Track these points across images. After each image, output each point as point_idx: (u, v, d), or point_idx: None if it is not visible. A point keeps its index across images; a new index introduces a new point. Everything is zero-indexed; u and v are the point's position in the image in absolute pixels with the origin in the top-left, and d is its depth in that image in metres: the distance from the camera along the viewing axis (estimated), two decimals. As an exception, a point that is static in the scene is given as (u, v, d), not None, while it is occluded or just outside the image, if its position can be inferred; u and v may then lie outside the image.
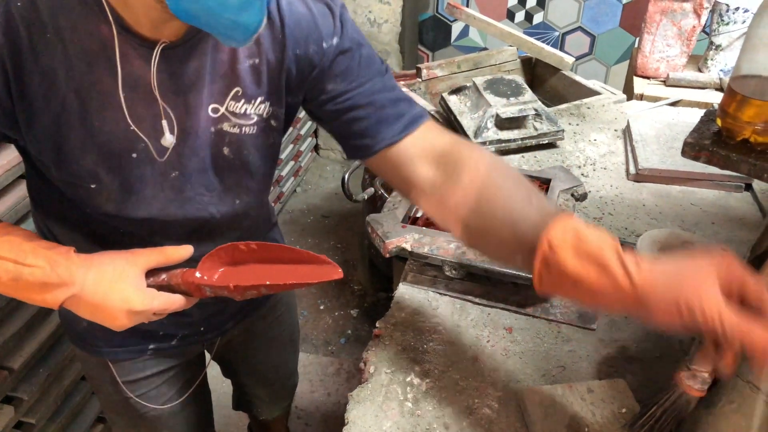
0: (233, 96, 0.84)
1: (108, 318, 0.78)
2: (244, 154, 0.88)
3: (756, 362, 0.59)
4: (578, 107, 1.75)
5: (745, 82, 0.71)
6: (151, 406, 1.14)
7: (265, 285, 0.80)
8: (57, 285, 0.74)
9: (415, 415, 0.90)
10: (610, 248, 0.64)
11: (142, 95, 0.77)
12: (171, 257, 0.81)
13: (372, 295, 2.64)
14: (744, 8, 1.78)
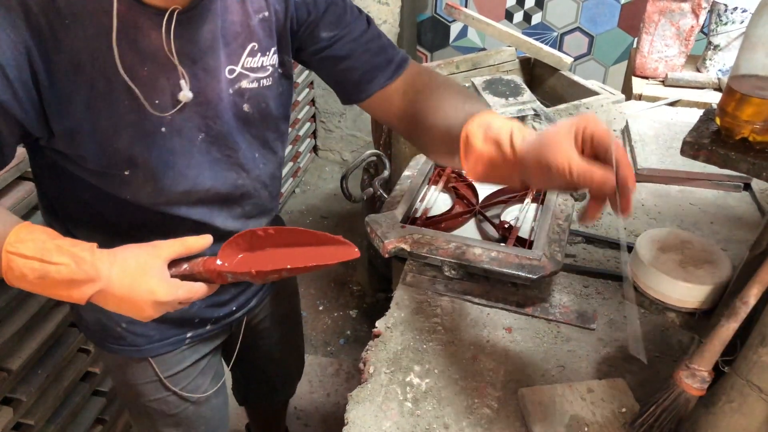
0: (249, 52, 0.90)
1: (135, 309, 0.79)
2: (262, 107, 0.94)
3: (596, 194, 0.70)
4: (577, 107, 1.75)
5: (744, 81, 0.71)
6: (194, 395, 1.18)
7: (286, 269, 0.81)
8: (84, 281, 0.75)
9: (415, 415, 0.90)
10: (506, 131, 0.78)
11: (161, 65, 0.81)
12: (192, 247, 0.82)
13: (371, 295, 2.64)
14: (742, 8, 1.78)
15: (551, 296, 1.11)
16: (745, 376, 0.73)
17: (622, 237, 0.77)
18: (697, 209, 1.35)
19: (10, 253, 0.73)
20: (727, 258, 0.83)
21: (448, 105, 0.91)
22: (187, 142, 0.88)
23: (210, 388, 1.22)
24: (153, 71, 0.81)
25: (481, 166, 0.81)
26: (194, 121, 0.88)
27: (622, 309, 1.10)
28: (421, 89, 0.97)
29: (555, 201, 1.20)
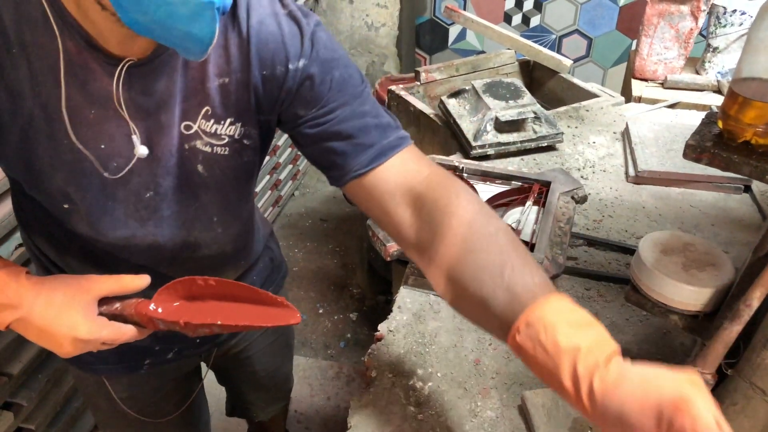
0: (204, 115, 0.81)
1: (53, 344, 0.76)
2: (217, 173, 0.85)
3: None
4: (577, 110, 1.75)
5: (746, 85, 0.71)
6: (150, 420, 1.12)
7: (216, 324, 0.77)
8: (3, 306, 0.73)
9: (418, 419, 0.90)
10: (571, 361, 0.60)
11: (111, 113, 0.75)
12: (127, 286, 0.78)
13: (371, 298, 2.64)
14: (741, 11, 1.78)
15: (553, 299, 1.11)
16: (749, 379, 0.73)
17: (623, 239, 0.76)
18: (697, 211, 1.36)
19: None
20: (730, 260, 0.83)
21: (482, 263, 0.71)
22: (132, 194, 0.82)
23: (174, 411, 1.16)
24: (100, 117, 0.75)
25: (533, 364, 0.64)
26: (143, 176, 0.81)
27: (623, 312, 1.10)
28: (438, 208, 0.77)
29: (556, 204, 1.20)
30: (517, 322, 0.64)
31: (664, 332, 1.06)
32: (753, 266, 0.75)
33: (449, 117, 1.62)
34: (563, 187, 1.25)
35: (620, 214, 1.35)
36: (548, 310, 0.63)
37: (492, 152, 1.51)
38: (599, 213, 1.35)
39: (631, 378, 0.57)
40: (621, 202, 1.39)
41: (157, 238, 0.87)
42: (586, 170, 1.49)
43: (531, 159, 1.53)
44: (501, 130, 1.52)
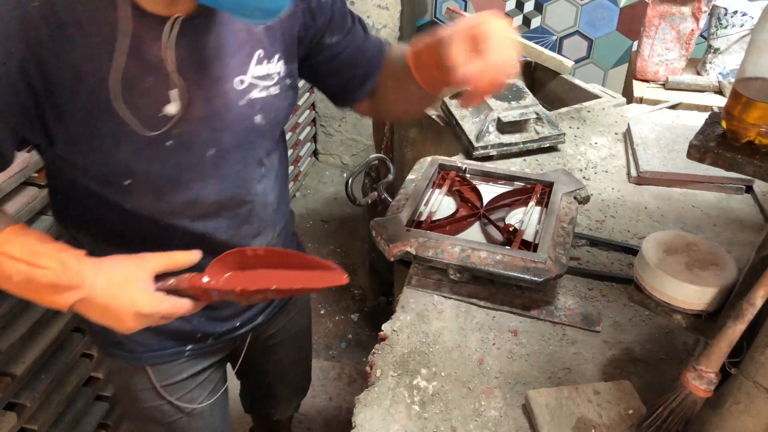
0: (257, 59, 0.87)
1: (116, 320, 0.79)
2: (272, 117, 0.91)
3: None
4: (578, 111, 1.76)
5: (749, 85, 0.71)
6: (189, 406, 1.16)
7: (271, 290, 0.81)
8: (67, 287, 0.75)
9: (422, 418, 0.91)
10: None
11: (165, 77, 0.78)
12: (179, 262, 0.82)
13: (372, 299, 2.64)
14: (742, 12, 1.79)
15: (556, 299, 1.11)
16: (752, 377, 0.73)
17: (626, 239, 0.78)
18: (699, 212, 1.36)
19: (1, 254, 0.74)
20: (733, 260, 0.83)
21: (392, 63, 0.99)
22: (195, 156, 0.86)
23: (206, 400, 1.20)
24: (156, 83, 0.78)
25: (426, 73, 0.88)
26: (203, 135, 0.85)
27: (626, 311, 1.10)
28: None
29: (559, 204, 1.20)
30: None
31: (667, 332, 1.06)
32: (756, 265, 0.76)
33: (451, 118, 1.62)
34: (566, 187, 1.26)
35: (622, 214, 1.35)
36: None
37: (494, 153, 1.51)
38: (601, 213, 1.35)
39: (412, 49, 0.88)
40: (623, 202, 1.39)
41: (219, 197, 0.92)
42: (588, 171, 1.50)
43: (533, 159, 1.53)
44: (503, 131, 1.52)
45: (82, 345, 1.62)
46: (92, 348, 1.66)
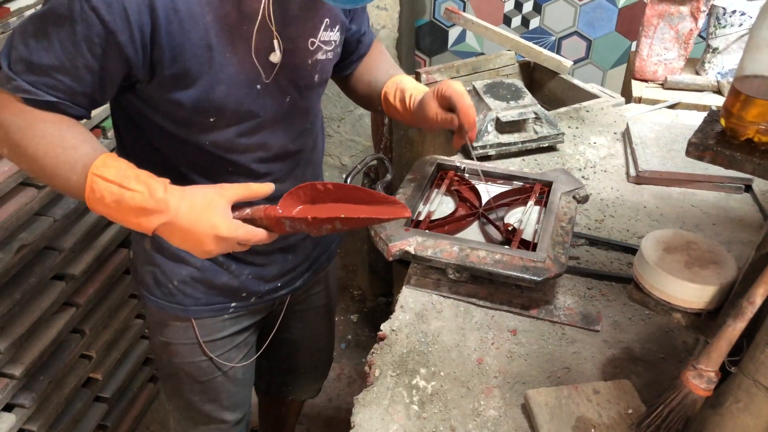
0: (324, 26, 1.00)
1: (196, 243, 0.84)
2: (324, 78, 1.06)
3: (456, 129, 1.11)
4: (577, 110, 1.75)
5: (748, 82, 0.71)
6: (227, 364, 1.23)
7: (339, 218, 0.87)
8: (153, 210, 0.82)
9: (422, 418, 0.90)
10: (407, 94, 1.16)
11: (259, 27, 0.90)
12: (255, 192, 0.88)
13: (372, 300, 2.64)
14: (741, 11, 1.79)
15: (555, 298, 1.11)
16: (752, 376, 0.73)
17: (625, 239, 0.78)
18: (698, 211, 1.36)
19: (94, 175, 0.82)
20: (732, 258, 0.83)
21: (378, 67, 1.22)
22: (276, 102, 0.98)
23: (240, 363, 1.26)
24: (250, 31, 0.90)
25: (393, 114, 1.19)
26: (283, 83, 0.98)
27: (626, 311, 1.10)
28: (369, 58, 1.23)
29: (558, 203, 1.20)
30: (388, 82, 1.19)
31: (666, 331, 1.06)
32: (756, 264, 0.75)
33: (450, 118, 1.62)
34: (565, 186, 1.25)
35: (621, 213, 1.35)
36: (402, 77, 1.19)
37: (493, 153, 1.51)
38: (601, 213, 1.35)
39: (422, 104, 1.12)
40: (622, 202, 1.39)
41: (283, 142, 1.05)
42: (587, 170, 1.50)
43: (532, 159, 1.53)
44: (502, 131, 1.52)
45: (81, 346, 1.62)
46: (91, 349, 1.66)
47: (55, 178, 0.85)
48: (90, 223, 1.60)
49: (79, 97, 0.86)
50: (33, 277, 1.44)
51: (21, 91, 0.83)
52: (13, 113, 0.84)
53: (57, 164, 0.84)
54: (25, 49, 0.82)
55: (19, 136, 0.84)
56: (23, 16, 1.29)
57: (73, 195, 0.86)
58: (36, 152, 0.84)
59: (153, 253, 1.11)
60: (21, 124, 0.84)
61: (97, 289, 1.64)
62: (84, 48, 0.82)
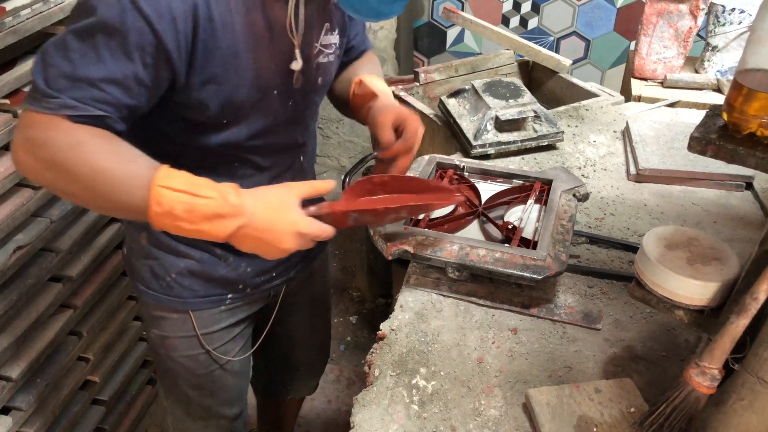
0: (325, 30, 1.02)
1: (276, 241, 0.85)
2: (327, 80, 1.08)
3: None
4: (577, 109, 1.75)
5: (750, 76, 0.70)
6: (223, 357, 1.23)
7: (407, 206, 0.93)
8: (229, 215, 0.81)
9: (422, 418, 0.89)
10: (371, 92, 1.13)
11: (278, 36, 0.93)
12: (319, 189, 0.90)
13: (371, 301, 2.63)
14: (740, 9, 1.78)
15: (556, 297, 1.10)
16: (756, 373, 0.72)
17: (626, 237, 0.77)
18: (699, 209, 1.35)
19: (160, 187, 0.79)
20: (735, 255, 0.82)
21: (362, 68, 1.21)
22: (284, 104, 1.00)
23: (237, 356, 1.27)
24: (272, 39, 0.92)
25: (353, 107, 1.17)
26: (299, 87, 1.00)
27: (627, 309, 1.09)
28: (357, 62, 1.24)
29: (558, 202, 1.19)
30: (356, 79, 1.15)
31: (668, 329, 1.05)
32: (759, 260, 0.75)
33: (449, 117, 1.61)
34: (565, 185, 1.25)
35: (622, 212, 1.34)
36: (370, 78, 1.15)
37: (492, 151, 1.50)
38: (601, 211, 1.34)
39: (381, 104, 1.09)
40: (622, 200, 1.38)
41: (290, 141, 1.07)
42: (587, 169, 1.49)
43: (531, 158, 1.52)
44: (501, 130, 1.51)
45: (78, 348, 1.61)
46: (88, 351, 1.65)
47: (113, 197, 0.81)
48: (87, 224, 1.59)
49: (124, 110, 0.84)
50: (29, 278, 1.43)
51: (67, 108, 0.79)
52: (59, 132, 0.79)
53: (115, 181, 0.80)
54: (68, 64, 0.79)
55: (71, 155, 0.79)
56: (18, 16, 1.28)
57: (132, 212, 0.82)
58: (93, 169, 0.79)
59: (150, 247, 1.11)
60: (71, 141, 0.79)
61: (95, 291, 1.63)
62: (136, 57, 0.81)
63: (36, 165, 0.80)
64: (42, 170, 0.81)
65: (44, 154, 0.79)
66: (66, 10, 1.41)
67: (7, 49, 1.31)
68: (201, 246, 1.10)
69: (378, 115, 1.07)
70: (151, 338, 1.24)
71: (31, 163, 0.81)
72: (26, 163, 0.81)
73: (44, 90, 0.79)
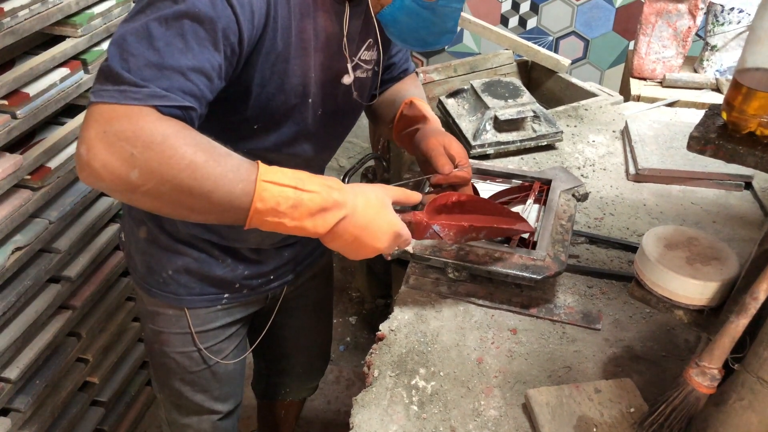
0: (367, 45, 1.01)
1: (373, 239, 0.84)
2: (364, 95, 1.07)
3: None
4: (576, 109, 1.75)
5: (750, 75, 0.70)
6: (215, 358, 1.22)
7: (489, 228, 0.96)
8: (332, 207, 0.79)
9: (421, 419, 0.89)
10: (421, 118, 1.14)
11: (322, 46, 0.92)
12: (410, 198, 0.91)
13: (370, 301, 2.62)
14: (739, 8, 1.78)
15: (555, 297, 1.10)
16: (756, 373, 0.72)
17: (625, 237, 0.77)
18: (699, 208, 1.35)
19: (265, 182, 0.75)
20: (734, 254, 0.82)
21: (407, 90, 1.21)
22: (313, 115, 0.98)
23: (230, 358, 1.26)
24: (316, 48, 0.92)
25: (397, 127, 1.17)
26: (340, 99, 1.00)
27: (626, 309, 1.09)
28: (400, 83, 1.24)
29: (558, 201, 1.19)
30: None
31: (668, 329, 1.05)
32: (758, 259, 0.74)
33: (448, 117, 1.61)
34: (564, 184, 1.24)
35: (621, 211, 1.34)
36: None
37: (491, 151, 1.50)
38: (600, 211, 1.34)
39: (432, 128, 1.11)
40: (622, 200, 1.38)
41: (315, 153, 1.05)
42: (586, 169, 1.49)
43: (531, 158, 1.52)
44: (500, 130, 1.51)
45: (77, 349, 1.60)
46: (87, 352, 1.65)
47: (212, 195, 0.73)
48: (86, 225, 1.59)
49: (204, 103, 0.78)
50: (28, 279, 1.42)
51: (157, 98, 0.71)
52: (149, 124, 0.70)
53: (214, 176, 0.72)
54: (154, 53, 0.72)
55: (165, 148, 0.70)
56: (17, 17, 1.28)
57: (227, 212, 0.75)
58: (189, 164, 0.71)
59: (148, 243, 1.10)
60: (167, 131, 0.70)
61: (94, 292, 1.63)
62: (222, 47, 0.77)
63: (120, 164, 0.69)
64: (127, 170, 0.70)
65: (132, 150, 0.69)
66: (65, 10, 1.40)
67: (6, 49, 1.30)
68: (199, 246, 1.10)
69: (429, 139, 1.06)
70: (146, 332, 1.24)
71: (114, 162, 0.69)
72: (106, 162, 0.69)
73: (129, 79, 0.71)
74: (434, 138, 1.06)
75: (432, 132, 1.08)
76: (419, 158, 1.10)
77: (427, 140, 1.06)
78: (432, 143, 1.05)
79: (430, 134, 1.08)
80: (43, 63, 1.37)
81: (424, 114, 1.13)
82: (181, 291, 1.13)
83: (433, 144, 1.05)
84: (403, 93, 1.20)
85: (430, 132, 1.09)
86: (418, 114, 1.14)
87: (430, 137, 1.07)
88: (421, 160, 1.09)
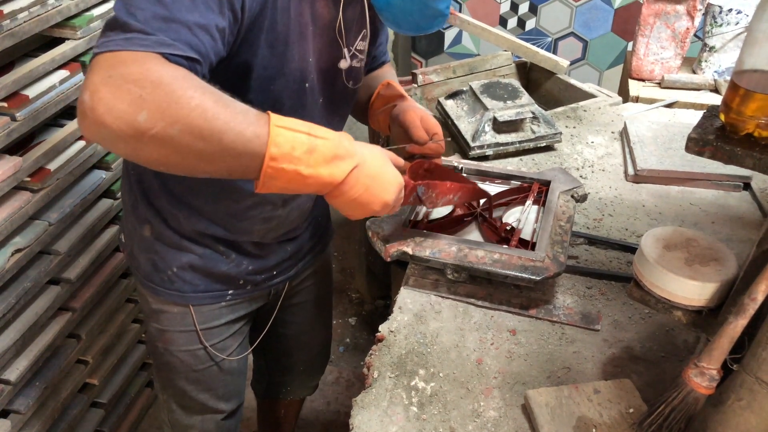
0: (362, 36, 1.02)
1: (381, 189, 0.86)
2: (356, 85, 1.08)
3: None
4: (574, 110, 1.75)
5: (747, 76, 0.71)
6: (220, 355, 1.24)
7: (465, 188, 1.08)
8: (345, 156, 0.80)
9: (421, 420, 0.89)
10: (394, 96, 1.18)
11: (320, 31, 0.93)
12: (397, 160, 0.94)
13: (370, 302, 2.63)
14: (737, 10, 1.79)
15: (555, 298, 1.10)
16: (754, 373, 0.72)
17: (624, 238, 0.77)
18: (697, 209, 1.35)
19: (279, 127, 0.74)
20: (733, 255, 0.83)
21: (383, 77, 1.24)
22: (312, 102, 0.99)
23: (235, 354, 1.27)
24: (314, 33, 0.92)
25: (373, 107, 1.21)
26: (337, 84, 1.02)
27: (626, 309, 1.09)
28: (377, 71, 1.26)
29: (557, 202, 1.19)
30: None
31: (667, 329, 1.05)
32: (757, 260, 0.75)
33: (447, 118, 1.61)
34: (563, 185, 1.25)
35: (620, 212, 1.34)
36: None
37: (490, 153, 1.50)
38: (599, 212, 1.34)
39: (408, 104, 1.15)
40: (621, 200, 1.38)
41: None
42: (585, 170, 1.49)
43: (530, 159, 1.52)
44: (499, 131, 1.51)
45: (77, 351, 1.61)
46: (87, 354, 1.65)
47: (223, 137, 0.71)
48: (86, 226, 1.59)
49: (207, 62, 0.77)
50: (28, 281, 1.42)
51: (165, 45, 0.70)
52: (159, 65, 0.69)
53: (225, 118, 0.70)
54: (161, 7, 0.71)
55: (177, 86, 0.68)
56: (16, 19, 1.28)
57: (240, 158, 0.73)
58: (199, 104, 0.69)
59: (153, 240, 1.11)
60: (176, 74, 0.69)
61: (93, 294, 1.63)
62: (226, 11, 0.76)
63: (127, 106, 0.66)
64: (135, 112, 0.67)
65: (141, 91, 0.67)
66: (64, 13, 1.41)
67: (5, 51, 1.30)
68: (203, 242, 1.10)
69: (407, 112, 1.11)
70: (149, 332, 1.24)
71: (120, 105, 0.66)
72: (112, 106, 0.66)
73: (136, 26, 0.70)
74: (412, 111, 1.11)
75: (410, 106, 1.13)
76: (395, 132, 1.15)
77: (405, 113, 1.11)
78: (410, 115, 1.10)
79: (408, 108, 1.12)
80: (42, 65, 1.37)
81: (401, 93, 1.18)
82: (186, 288, 1.14)
83: (411, 116, 1.10)
84: (380, 77, 1.24)
85: (408, 106, 1.13)
86: (396, 93, 1.18)
87: (408, 110, 1.12)
88: (397, 133, 1.14)
